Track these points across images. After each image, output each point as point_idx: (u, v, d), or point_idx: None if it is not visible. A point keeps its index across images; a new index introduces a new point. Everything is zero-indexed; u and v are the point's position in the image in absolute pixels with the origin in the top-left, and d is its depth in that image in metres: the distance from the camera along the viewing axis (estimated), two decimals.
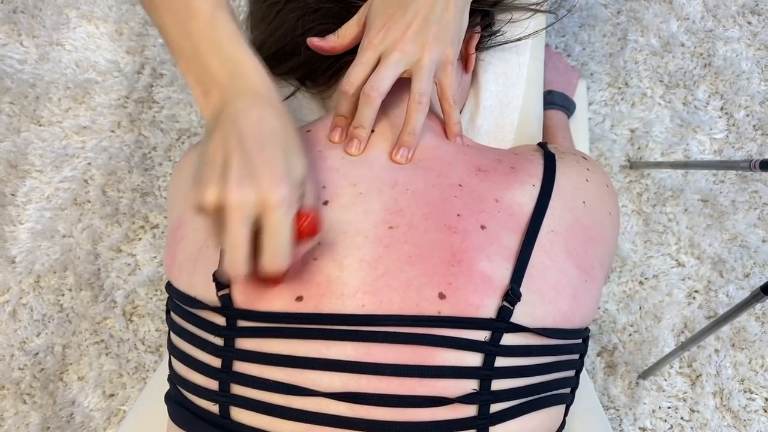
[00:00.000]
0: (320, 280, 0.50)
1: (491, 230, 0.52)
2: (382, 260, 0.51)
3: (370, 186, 0.55)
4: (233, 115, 0.48)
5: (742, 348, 1.11)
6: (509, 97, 0.73)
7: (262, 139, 0.47)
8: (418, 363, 0.48)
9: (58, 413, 1.13)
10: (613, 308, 1.14)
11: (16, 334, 1.18)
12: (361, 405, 0.48)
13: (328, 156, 0.57)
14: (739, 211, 1.17)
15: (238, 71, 0.50)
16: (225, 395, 0.51)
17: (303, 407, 0.49)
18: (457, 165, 0.57)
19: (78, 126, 1.27)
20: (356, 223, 0.53)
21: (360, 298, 0.50)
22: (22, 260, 1.21)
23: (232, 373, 0.50)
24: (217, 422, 0.51)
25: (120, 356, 1.16)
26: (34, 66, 1.31)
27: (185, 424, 0.53)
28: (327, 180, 0.55)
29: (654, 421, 1.09)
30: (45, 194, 1.25)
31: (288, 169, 0.46)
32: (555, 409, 0.55)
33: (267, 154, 0.46)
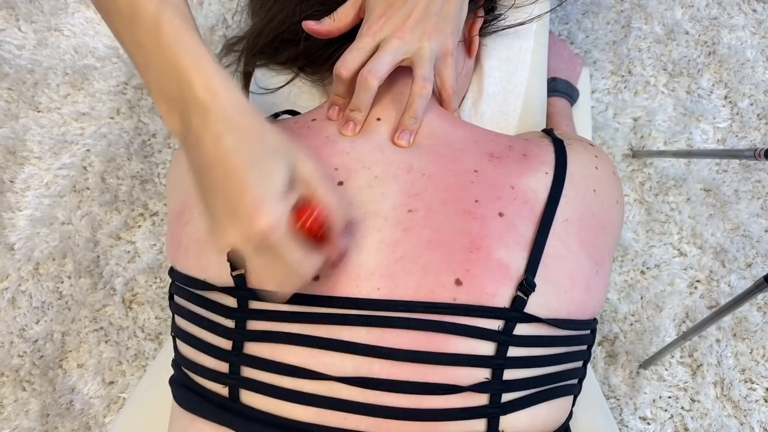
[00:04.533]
0: (337, 260, 0.50)
1: (508, 218, 0.52)
2: (400, 243, 0.50)
3: (385, 170, 0.54)
4: (191, 143, 0.44)
5: (743, 338, 1.11)
6: (513, 83, 0.72)
7: (224, 166, 0.42)
8: (431, 350, 0.48)
9: (57, 400, 1.13)
10: (615, 297, 1.14)
11: (16, 321, 1.17)
12: (372, 390, 0.48)
13: (337, 141, 0.57)
14: (742, 201, 1.16)
15: (185, 83, 0.42)
16: (235, 377, 0.50)
17: (314, 391, 0.49)
18: (469, 151, 0.56)
19: (77, 112, 1.26)
20: (374, 204, 0.52)
21: (376, 281, 0.49)
22: (21, 247, 1.20)
23: (242, 356, 0.50)
24: (225, 405, 0.51)
25: (119, 344, 1.16)
26: (32, 51, 1.30)
27: (192, 407, 0.53)
28: (339, 163, 0.55)
29: (654, 411, 1.09)
30: (44, 181, 1.24)
31: (261, 186, 0.41)
32: (563, 400, 0.55)
33: (233, 182, 0.41)
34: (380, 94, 0.60)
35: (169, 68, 0.43)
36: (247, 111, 0.43)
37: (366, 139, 0.57)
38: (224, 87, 0.43)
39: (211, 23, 1.30)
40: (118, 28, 0.46)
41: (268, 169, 0.42)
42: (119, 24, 0.46)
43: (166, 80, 0.43)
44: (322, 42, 0.66)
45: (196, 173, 0.44)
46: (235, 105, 0.42)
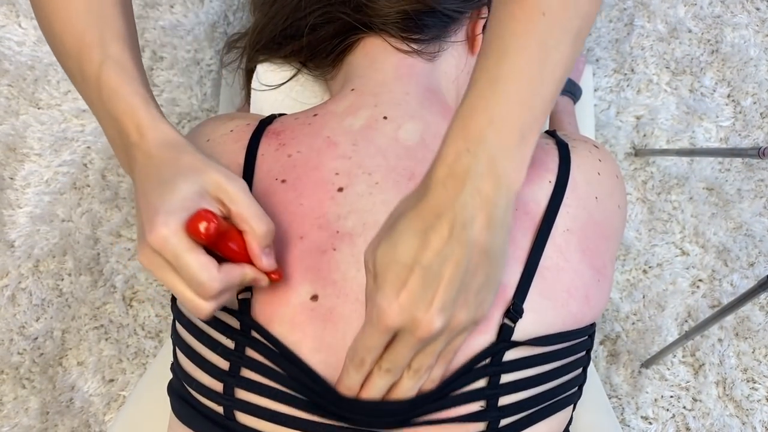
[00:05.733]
0: (336, 278, 0.49)
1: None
2: None
3: (386, 176, 0.53)
4: (132, 178, 0.48)
5: (745, 337, 1.11)
6: None
7: (142, 192, 0.45)
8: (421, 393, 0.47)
9: (57, 398, 1.13)
10: (617, 297, 1.13)
11: (15, 318, 1.17)
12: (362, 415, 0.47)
13: (338, 142, 0.55)
14: (744, 200, 1.16)
15: (122, 128, 0.47)
16: (229, 399, 0.50)
17: (311, 418, 0.48)
18: None
19: (77, 109, 1.26)
20: (374, 213, 0.51)
21: None
22: (21, 244, 1.20)
23: (239, 378, 0.50)
24: (221, 423, 0.50)
25: (120, 341, 1.15)
26: (33, 48, 1.30)
27: (189, 421, 0.52)
28: (339, 167, 0.54)
29: (656, 410, 1.09)
30: (44, 178, 1.23)
31: (160, 202, 0.43)
32: (563, 413, 0.54)
33: (143, 203, 0.44)
34: (391, 91, 0.59)
35: (111, 117, 0.48)
36: (168, 143, 0.46)
37: (369, 141, 0.55)
38: (151, 127, 0.46)
39: (213, 20, 1.30)
40: (79, 90, 0.51)
41: (171, 186, 0.44)
42: (78, 87, 0.51)
43: (110, 127, 0.48)
44: (325, 35, 0.65)
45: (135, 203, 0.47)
46: (156, 140, 0.46)
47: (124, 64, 0.48)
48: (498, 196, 0.41)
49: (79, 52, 0.49)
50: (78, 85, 0.51)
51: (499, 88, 0.41)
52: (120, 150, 0.49)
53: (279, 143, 0.56)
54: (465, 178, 0.40)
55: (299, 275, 0.49)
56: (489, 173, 0.40)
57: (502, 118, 0.41)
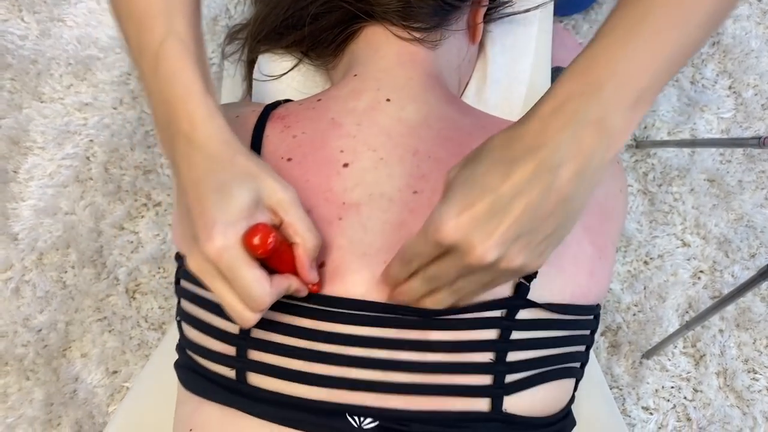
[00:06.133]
0: (342, 243, 0.51)
1: None
2: (406, 224, 0.51)
3: (391, 152, 0.54)
4: (174, 168, 0.46)
5: (746, 328, 1.11)
6: (516, 70, 0.72)
7: (194, 191, 0.44)
8: (432, 339, 0.49)
9: (61, 389, 1.13)
10: (618, 288, 1.14)
11: (20, 311, 1.17)
12: (379, 371, 0.49)
13: (342, 123, 0.56)
14: (745, 191, 1.16)
15: (173, 114, 0.45)
16: (242, 360, 0.51)
17: (323, 372, 0.49)
18: (476, 136, 0.56)
19: (80, 103, 1.26)
20: (380, 185, 0.52)
21: (382, 256, 0.50)
22: (24, 237, 1.20)
23: (250, 339, 0.51)
24: (232, 387, 0.51)
25: (123, 333, 1.16)
26: (35, 42, 1.30)
27: (199, 390, 0.53)
28: (344, 145, 0.54)
29: (657, 401, 1.09)
30: (47, 171, 1.24)
31: (218, 209, 0.43)
32: (566, 382, 0.55)
33: (197, 206, 0.43)
34: (393, 76, 0.60)
35: (163, 99, 0.45)
36: (223, 140, 0.45)
37: (373, 121, 0.56)
38: (205, 121, 0.44)
39: (214, 14, 1.30)
40: (133, 60, 0.48)
41: (228, 194, 0.43)
42: (133, 57, 0.48)
43: (160, 107, 0.46)
44: (327, 25, 0.66)
45: (176, 196, 0.46)
46: (211, 136, 0.44)
47: (188, 43, 0.46)
48: (597, 149, 0.39)
49: (140, 19, 0.46)
50: (133, 55, 0.47)
51: (633, 44, 0.38)
52: (165, 133, 0.46)
53: (284, 125, 0.57)
54: (570, 120, 0.38)
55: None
56: (596, 124, 0.38)
57: (628, 76, 0.38)
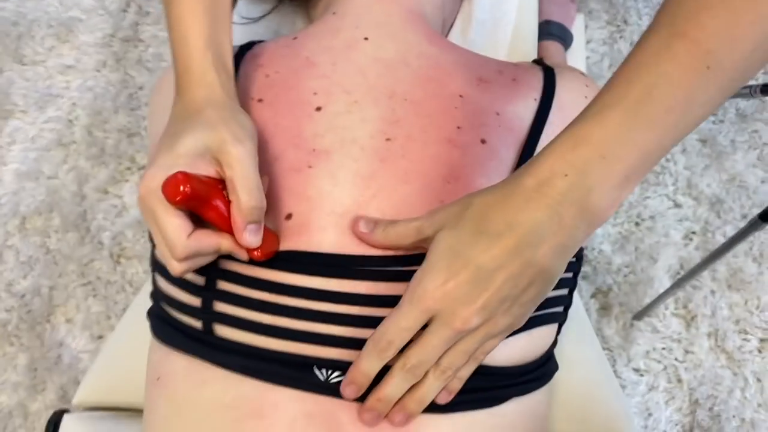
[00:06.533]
0: (311, 194, 0.49)
1: (491, 145, 0.50)
2: (376, 176, 0.49)
3: (366, 95, 0.52)
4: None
5: (738, 289, 1.10)
6: (502, 11, 0.71)
7: (161, 140, 0.46)
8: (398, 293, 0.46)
9: (45, 355, 1.12)
10: (608, 249, 1.12)
11: (2, 276, 1.16)
12: (341, 326, 0.47)
13: (317, 62, 0.54)
14: (738, 151, 1.15)
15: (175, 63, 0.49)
16: (208, 312, 0.49)
17: (286, 325, 0.47)
18: (457, 74, 0.54)
19: (62, 65, 1.24)
20: (352, 131, 0.51)
21: (350, 215, 0.48)
22: (6, 202, 1.19)
23: (215, 291, 0.49)
24: (200, 338, 0.49)
25: (108, 298, 1.14)
26: (17, 3, 1.28)
27: (168, 340, 0.52)
28: (318, 86, 0.53)
29: (648, 362, 1.08)
30: (29, 135, 1.22)
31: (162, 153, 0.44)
32: (546, 328, 0.53)
33: (155, 148, 0.45)
34: (372, 13, 0.58)
35: (171, 45, 0.49)
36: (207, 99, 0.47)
37: (349, 60, 0.54)
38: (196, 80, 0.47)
39: None
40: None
41: (177, 139, 0.44)
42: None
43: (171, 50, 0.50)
44: None
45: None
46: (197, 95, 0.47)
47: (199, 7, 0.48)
48: (578, 228, 0.39)
49: None
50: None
51: (629, 126, 0.38)
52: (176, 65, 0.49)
53: (257, 64, 0.55)
54: (551, 200, 0.39)
55: (275, 196, 0.49)
56: (578, 204, 0.39)
57: (618, 158, 0.38)
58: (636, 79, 0.38)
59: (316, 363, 0.46)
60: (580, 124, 0.39)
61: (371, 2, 0.60)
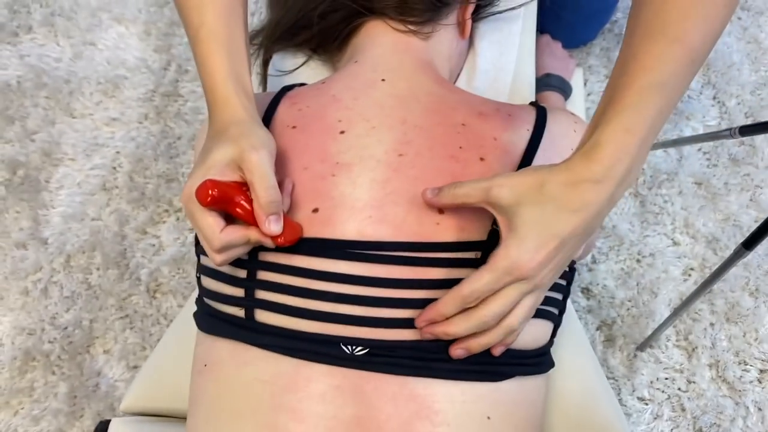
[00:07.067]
0: (334, 195, 0.58)
1: (489, 162, 0.59)
2: (390, 181, 0.58)
3: (382, 122, 0.62)
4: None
5: (736, 322, 1.16)
6: (502, 61, 0.80)
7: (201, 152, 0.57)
8: (415, 277, 0.55)
9: (84, 383, 1.19)
10: (612, 284, 1.19)
11: (47, 309, 1.25)
12: (365, 306, 0.55)
13: (342, 98, 0.64)
14: (731, 193, 1.23)
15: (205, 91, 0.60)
16: (250, 300, 0.58)
17: (317, 308, 0.56)
18: (460, 110, 0.64)
19: (108, 118, 1.37)
20: (370, 149, 0.60)
21: (368, 211, 0.57)
22: (53, 241, 1.29)
23: (256, 281, 0.58)
24: (242, 324, 0.58)
25: (143, 330, 1.23)
26: (69, 64, 1.41)
27: (213, 330, 0.60)
28: (342, 116, 0.62)
29: (652, 392, 1.13)
30: (76, 180, 1.33)
31: (197, 167, 0.54)
32: (541, 323, 0.61)
33: (195, 162, 0.56)
34: (388, 60, 0.68)
35: (201, 77, 0.60)
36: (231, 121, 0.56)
37: (368, 96, 0.64)
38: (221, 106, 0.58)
39: None
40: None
41: (210, 153, 0.54)
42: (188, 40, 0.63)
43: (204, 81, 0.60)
44: (333, 22, 0.75)
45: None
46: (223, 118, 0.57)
47: (217, 33, 0.59)
48: (619, 198, 0.50)
49: (182, 9, 0.61)
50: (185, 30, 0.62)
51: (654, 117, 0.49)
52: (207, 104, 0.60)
53: (291, 102, 0.66)
54: (613, 182, 0.48)
55: (302, 196, 0.58)
56: (626, 182, 0.49)
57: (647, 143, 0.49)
58: (650, 78, 0.48)
59: (341, 340, 0.54)
60: (619, 117, 0.48)
61: (388, 53, 0.70)
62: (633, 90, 0.48)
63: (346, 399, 0.54)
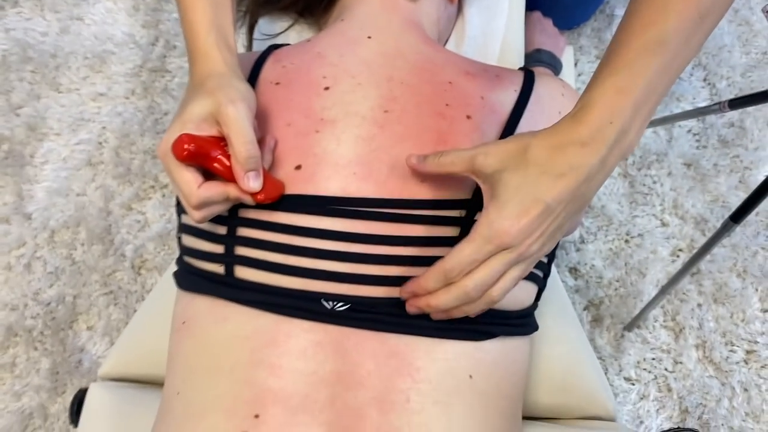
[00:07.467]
0: (317, 151, 0.57)
1: (475, 121, 0.58)
2: (376, 138, 0.57)
3: (368, 79, 0.61)
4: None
5: (723, 303, 1.16)
6: (491, 27, 0.80)
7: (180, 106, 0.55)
8: (400, 234, 0.54)
9: (67, 359, 1.18)
10: (600, 264, 1.19)
11: (30, 285, 1.23)
12: (347, 263, 0.54)
13: (327, 55, 0.63)
14: (721, 174, 1.22)
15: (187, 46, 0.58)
16: (230, 256, 0.56)
17: (298, 264, 0.55)
18: (447, 68, 0.63)
19: (95, 93, 1.35)
20: (355, 105, 0.59)
21: (353, 167, 0.56)
22: (37, 216, 1.27)
23: (236, 238, 0.56)
24: (222, 280, 0.56)
25: (128, 307, 1.21)
26: (56, 38, 1.40)
27: (192, 287, 0.59)
28: (327, 72, 0.61)
29: (639, 372, 1.13)
30: (61, 156, 1.32)
31: (178, 116, 0.52)
32: (526, 285, 0.60)
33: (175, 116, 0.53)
34: (376, 19, 0.67)
35: (184, 31, 0.58)
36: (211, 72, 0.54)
37: (354, 53, 0.63)
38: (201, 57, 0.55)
39: None
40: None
41: (188, 106, 0.52)
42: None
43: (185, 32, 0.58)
44: None
45: None
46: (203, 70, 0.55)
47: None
48: (615, 164, 0.48)
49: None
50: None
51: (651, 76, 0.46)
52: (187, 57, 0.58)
53: (276, 59, 0.65)
54: (602, 146, 0.46)
55: (285, 153, 0.56)
56: (619, 146, 0.46)
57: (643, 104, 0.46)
58: (649, 35, 0.47)
59: (323, 296, 0.53)
60: (612, 78, 0.47)
61: (375, 11, 0.69)
62: (630, 48, 0.47)
63: (327, 355, 0.53)
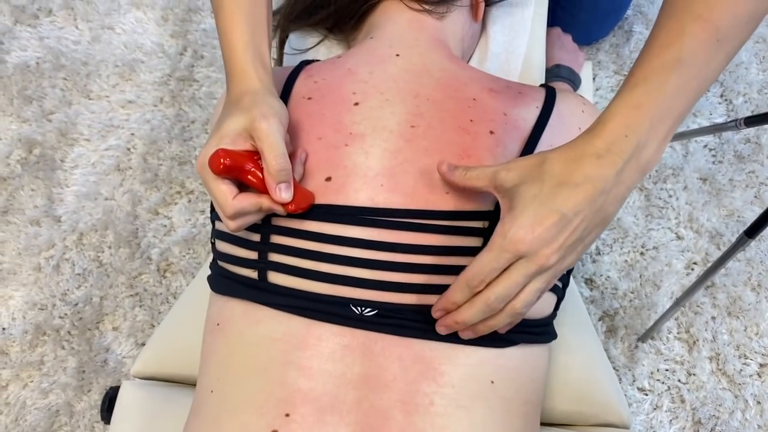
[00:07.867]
0: (347, 164, 0.60)
1: (498, 136, 0.61)
2: (402, 151, 0.60)
3: (396, 95, 0.64)
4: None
5: (737, 316, 1.17)
6: (514, 45, 0.82)
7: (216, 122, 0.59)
8: (426, 243, 0.57)
9: (93, 359, 1.22)
10: (615, 276, 1.21)
11: (59, 286, 1.27)
12: (375, 270, 0.57)
13: (357, 71, 0.66)
14: (736, 189, 1.24)
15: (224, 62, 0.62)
16: (263, 262, 0.59)
17: (329, 271, 0.57)
18: (472, 85, 0.66)
19: (124, 100, 1.39)
20: (383, 120, 0.62)
21: (380, 179, 0.59)
22: (67, 219, 1.31)
23: (269, 244, 0.59)
24: (255, 285, 0.59)
25: (152, 308, 1.25)
26: (87, 47, 1.44)
27: (226, 291, 0.62)
28: (357, 88, 0.64)
29: (652, 383, 1.15)
30: (91, 161, 1.36)
31: (212, 137, 0.56)
32: (546, 295, 0.62)
33: (211, 132, 0.57)
34: (403, 37, 0.70)
35: (221, 48, 0.62)
36: (247, 91, 0.58)
37: (383, 70, 0.66)
38: (237, 76, 0.59)
39: None
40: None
41: (224, 123, 0.55)
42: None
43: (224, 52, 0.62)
44: (349, 1, 0.77)
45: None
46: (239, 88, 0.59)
47: (241, 3, 0.61)
48: (633, 179, 0.49)
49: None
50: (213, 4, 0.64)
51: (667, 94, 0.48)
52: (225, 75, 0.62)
53: (308, 75, 0.68)
54: (618, 158, 0.48)
55: (316, 165, 0.60)
56: (635, 159, 0.48)
57: (660, 120, 0.48)
58: (667, 55, 0.49)
59: (351, 302, 0.56)
60: (629, 94, 0.49)
61: (403, 30, 0.72)
62: (648, 67, 0.49)
63: (354, 358, 0.56)
